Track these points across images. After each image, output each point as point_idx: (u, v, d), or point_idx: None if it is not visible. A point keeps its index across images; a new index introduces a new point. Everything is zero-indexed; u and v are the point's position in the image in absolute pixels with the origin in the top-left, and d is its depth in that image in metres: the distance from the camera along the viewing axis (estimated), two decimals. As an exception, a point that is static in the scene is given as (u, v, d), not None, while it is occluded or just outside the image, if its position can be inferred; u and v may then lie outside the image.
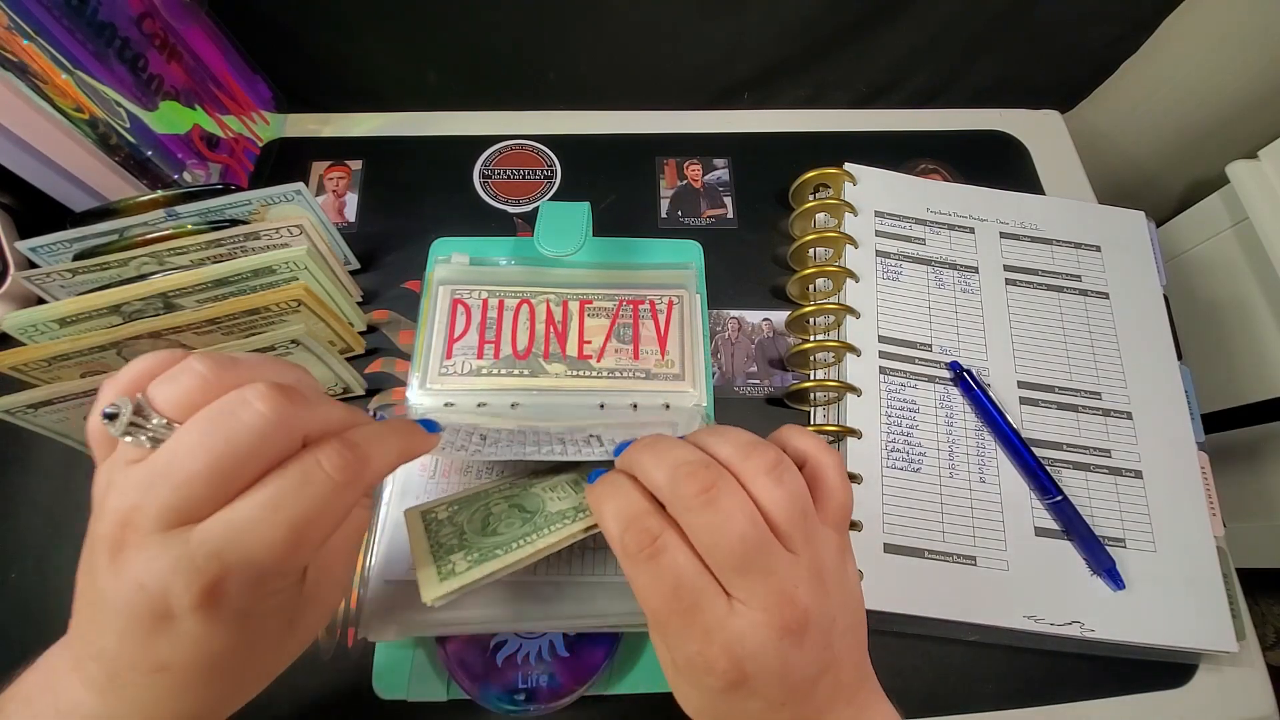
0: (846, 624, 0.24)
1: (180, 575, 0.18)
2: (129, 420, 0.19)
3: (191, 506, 0.19)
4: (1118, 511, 0.40)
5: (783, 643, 0.21)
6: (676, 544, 0.22)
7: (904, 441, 0.41)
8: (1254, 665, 0.39)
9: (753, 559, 0.21)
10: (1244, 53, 0.54)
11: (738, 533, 0.21)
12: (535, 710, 0.33)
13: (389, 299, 0.47)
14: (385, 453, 0.23)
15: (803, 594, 0.22)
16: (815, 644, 0.22)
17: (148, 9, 0.41)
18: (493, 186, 0.52)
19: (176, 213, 0.39)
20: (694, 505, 0.22)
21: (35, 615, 0.38)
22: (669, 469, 0.23)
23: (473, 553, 0.26)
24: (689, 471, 0.22)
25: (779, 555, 0.22)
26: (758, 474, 0.23)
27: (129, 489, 0.19)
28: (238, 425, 0.19)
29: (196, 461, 0.18)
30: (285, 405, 0.19)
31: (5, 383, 0.35)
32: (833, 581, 0.23)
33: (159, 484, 0.18)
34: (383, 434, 0.23)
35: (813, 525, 0.23)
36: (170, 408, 0.19)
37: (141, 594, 0.18)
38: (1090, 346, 0.45)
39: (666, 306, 0.44)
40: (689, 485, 0.22)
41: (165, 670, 0.19)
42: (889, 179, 0.50)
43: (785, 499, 0.22)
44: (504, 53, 0.52)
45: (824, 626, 0.22)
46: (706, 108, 0.57)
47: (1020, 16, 0.51)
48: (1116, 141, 0.64)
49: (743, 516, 0.22)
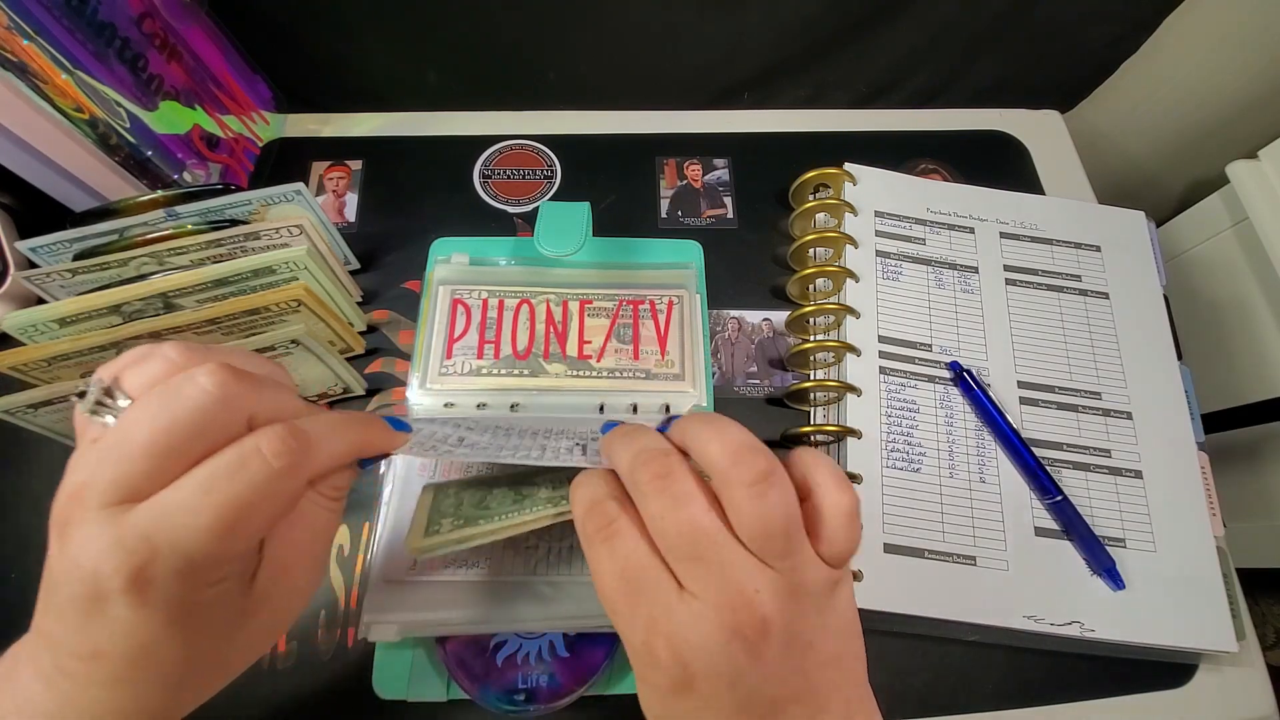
0: (830, 656, 0.21)
1: (111, 556, 0.18)
2: (95, 399, 0.19)
3: (134, 484, 0.18)
4: (1118, 511, 0.40)
5: (731, 645, 0.20)
6: (630, 528, 0.22)
7: (904, 441, 0.41)
8: (1254, 665, 0.39)
9: (704, 548, 0.20)
10: (1244, 53, 0.54)
11: (686, 517, 0.21)
12: (535, 710, 0.33)
13: (389, 299, 0.47)
14: (335, 443, 0.22)
15: (765, 600, 0.20)
16: (778, 663, 0.20)
17: (148, 9, 0.41)
18: (493, 186, 0.52)
19: (176, 213, 0.39)
20: (648, 491, 0.21)
21: (35, 615, 0.38)
22: (631, 455, 0.23)
23: (459, 520, 0.27)
24: (646, 459, 0.22)
25: (737, 554, 0.20)
26: (740, 483, 0.21)
27: (82, 465, 0.19)
28: (181, 400, 0.18)
29: (141, 436, 0.18)
30: (231, 383, 0.19)
31: (5, 383, 0.35)
32: (813, 607, 0.21)
33: (106, 459, 0.18)
34: (335, 424, 0.23)
35: (796, 545, 0.21)
36: (136, 390, 0.19)
37: (77, 573, 0.18)
38: (1090, 346, 0.45)
39: (666, 306, 0.44)
40: (644, 471, 0.22)
41: (100, 658, 0.19)
42: (889, 179, 0.50)
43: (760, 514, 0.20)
44: (504, 53, 0.52)
45: (792, 648, 0.20)
46: (706, 108, 0.57)
47: (1020, 16, 0.51)
48: (1116, 141, 0.64)
49: (695, 504, 0.21)
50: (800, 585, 0.21)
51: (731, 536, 0.21)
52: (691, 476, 0.22)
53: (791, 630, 0.20)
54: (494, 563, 0.35)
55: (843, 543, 0.22)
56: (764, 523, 0.20)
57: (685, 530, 0.21)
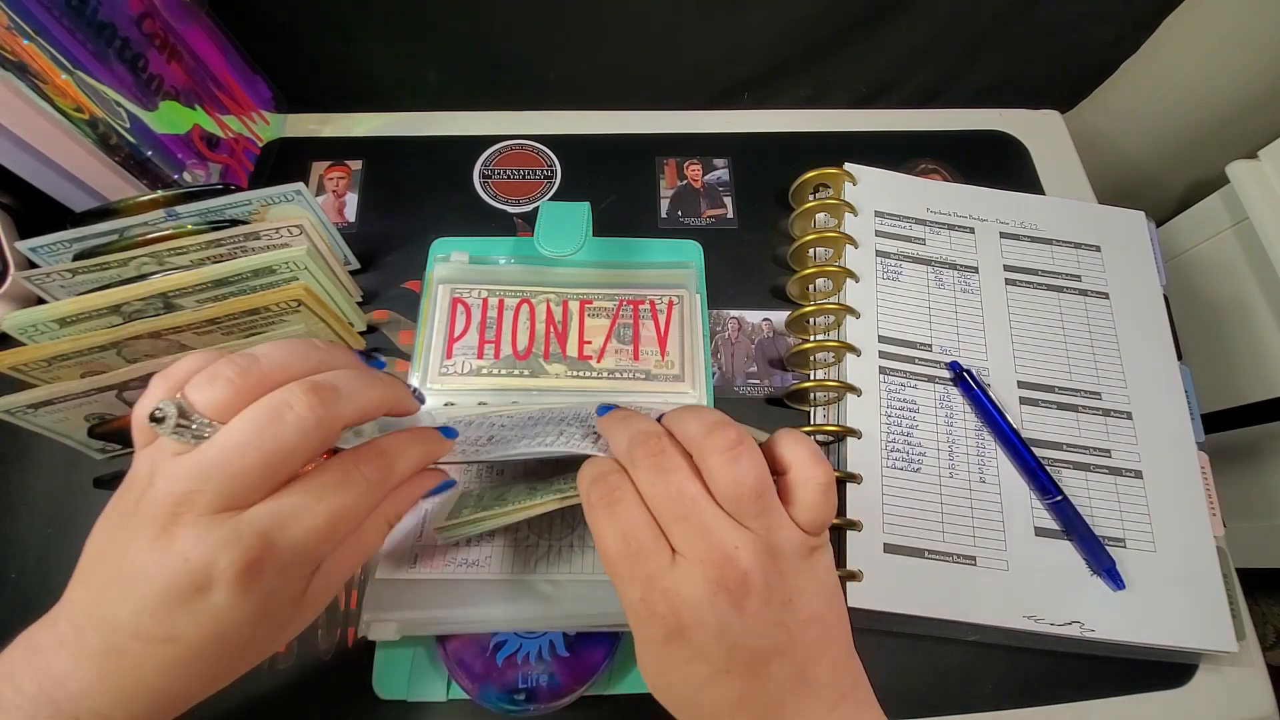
0: (811, 615, 0.23)
1: (227, 550, 0.20)
2: (176, 422, 0.21)
3: (243, 495, 0.21)
4: (1118, 511, 0.40)
5: (717, 598, 0.22)
6: (632, 496, 0.24)
7: (904, 441, 0.41)
8: (1254, 665, 0.39)
9: (688, 510, 0.23)
10: (1244, 53, 0.54)
11: (676, 485, 0.24)
12: (535, 710, 0.33)
13: (389, 299, 0.47)
14: (408, 460, 0.26)
15: (744, 557, 0.22)
16: (759, 615, 0.22)
17: (148, 9, 0.41)
18: (493, 186, 0.52)
19: (176, 213, 0.39)
20: (641, 464, 0.24)
21: (35, 615, 0.38)
22: (628, 437, 0.26)
23: (479, 508, 0.31)
24: (642, 439, 0.25)
25: (718, 517, 0.23)
26: (713, 451, 0.24)
27: (181, 477, 0.21)
28: (284, 428, 0.22)
29: (249, 458, 0.21)
30: (321, 408, 0.22)
31: (5, 383, 0.35)
32: (790, 567, 0.23)
33: (215, 475, 0.21)
34: (407, 444, 0.27)
35: (768, 507, 0.24)
36: (210, 409, 0.22)
37: (184, 565, 0.20)
38: (1090, 346, 0.45)
39: (666, 307, 0.44)
40: (640, 450, 0.25)
41: (173, 642, 0.21)
42: (889, 179, 0.50)
43: (732, 477, 0.23)
44: (504, 52, 0.52)
45: (772, 602, 0.23)
46: (706, 108, 0.57)
47: (1020, 16, 0.51)
48: (1116, 141, 0.64)
49: (681, 475, 0.24)
50: (776, 546, 0.23)
51: (712, 501, 0.23)
52: (678, 453, 0.25)
53: (770, 585, 0.23)
54: (494, 561, 0.35)
55: (815, 509, 0.24)
56: (736, 484, 0.23)
57: (673, 495, 0.24)
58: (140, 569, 0.21)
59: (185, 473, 0.21)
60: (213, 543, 0.21)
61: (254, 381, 0.22)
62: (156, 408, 0.21)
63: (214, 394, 0.22)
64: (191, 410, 0.22)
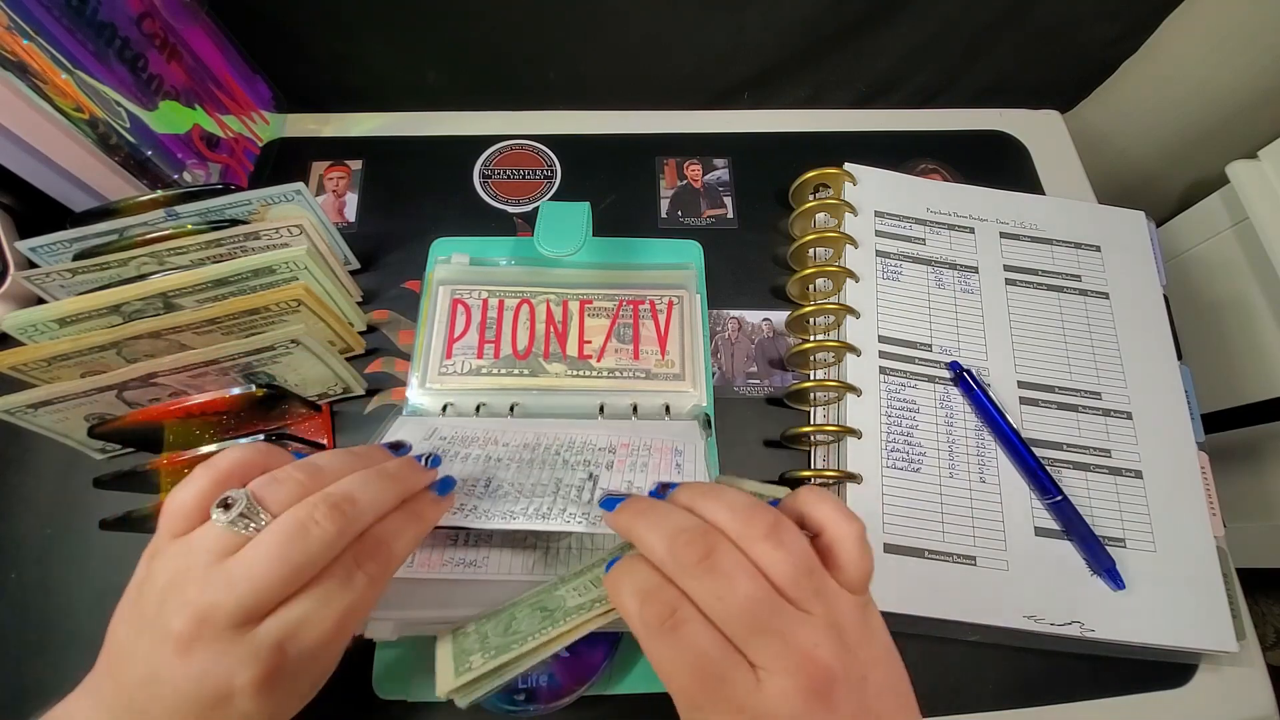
0: (882, 682, 0.23)
1: (245, 667, 0.21)
2: (241, 512, 0.22)
3: (261, 608, 0.22)
4: (1118, 511, 0.40)
5: (812, 706, 0.21)
6: (694, 615, 0.22)
7: (904, 441, 0.41)
8: (1254, 665, 0.39)
9: (764, 620, 0.22)
10: (1244, 53, 0.54)
11: (743, 593, 0.22)
12: (535, 710, 0.33)
13: (389, 299, 0.47)
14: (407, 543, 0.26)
15: (823, 652, 0.21)
16: (847, 703, 0.21)
17: (148, 9, 0.41)
18: (493, 186, 0.52)
19: (176, 213, 0.39)
20: (696, 572, 0.22)
21: (35, 615, 0.38)
22: (667, 538, 0.23)
23: (489, 650, 0.28)
24: (687, 540, 0.23)
25: (789, 614, 0.22)
26: (756, 539, 0.22)
27: (210, 586, 0.22)
28: (310, 543, 0.22)
29: (274, 573, 0.22)
30: (342, 521, 0.23)
31: (5, 383, 0.35)
32: (855, 639, 0.22)
33: (240, 587, 0.21)
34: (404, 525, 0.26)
35: (821, 581, 0.23)
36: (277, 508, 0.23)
37: (206, 680, 0.21)
38: (1090, 346, 0.45)
39: (666, 306, 0.44)
40: (688, 553, 0.22)
41: None
42: (889, 179, 0.50)
43: (785, 560, 0.22)
44: (504, 53, 0.52)
45: (853, 684, 0.22)
46: (706, 108, 0.57)
47: (1020, 16, 0.51)
48: (1116, 141, 0.64)
49: (745, 577, 0.22)
50: (838, 622, 0.22)
51: (779, 598, 0.22)
52: (731, 547, 0.23)
53: (848, 670, 0.22)
54: (492, 561, 0.35)
55: (857, 566, 0.23)
56: (791, 567, 0.22)
57: (746, 608, 0.22)
58: (167, 679, 0.21)
59: (216, 582, 0.22)
60: (231, 661, 0.21)
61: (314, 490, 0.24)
62: (228, 495, 0.22)
63: (283, 495, 0.23)
64: (256, 506, 0.23)
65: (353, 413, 0.43)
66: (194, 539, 0.23)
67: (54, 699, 0.23)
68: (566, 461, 0.34)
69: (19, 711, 0.36)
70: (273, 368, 0.38)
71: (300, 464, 0.25)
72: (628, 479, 0.32)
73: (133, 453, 0.41)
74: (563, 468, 0.33)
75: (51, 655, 0.37)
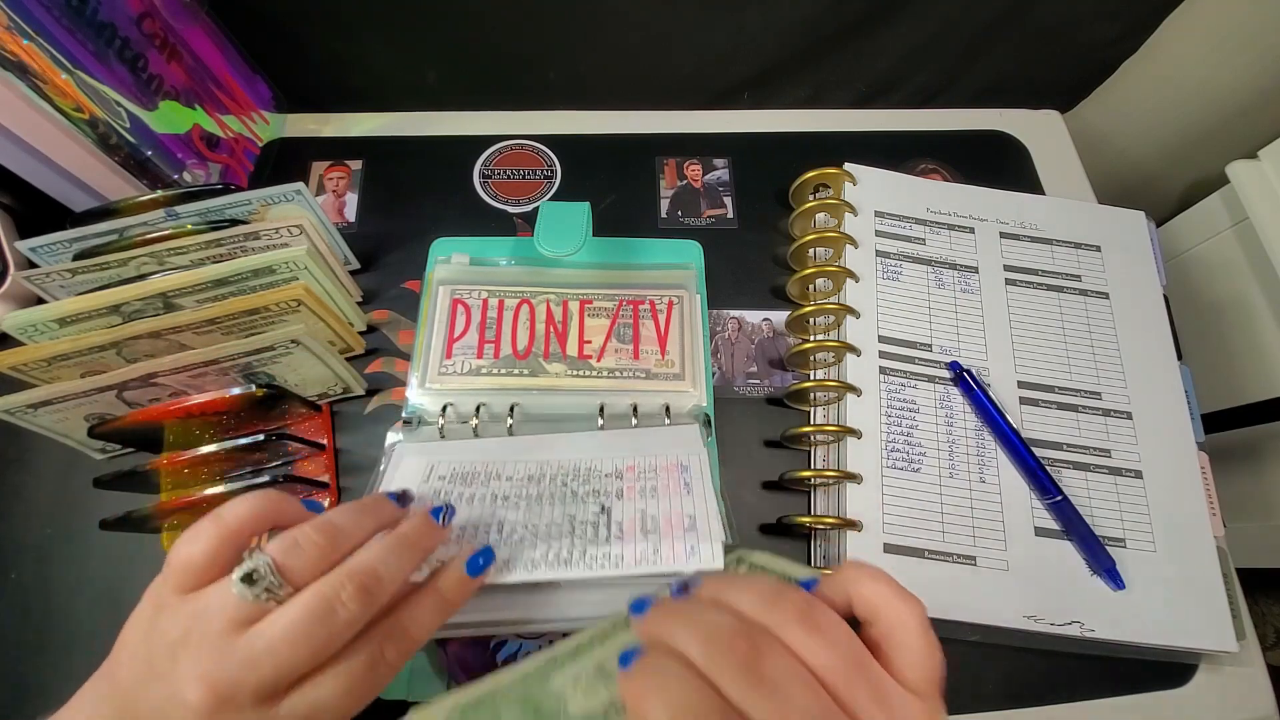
0: None
1: None
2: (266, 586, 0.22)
3: (284, 683, 0.22)
4: (1118, 511, 0.40)
5: None
6: None
7: (904, 441, 0.41)
8: (1254, 665, 0.39)
9: None
10: (1244, 53, 0.54)
11: (801, 702, 0.19)
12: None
13: (389, 299, 0.47)
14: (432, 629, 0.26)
15: None
16: None
17: (148, 9, 0.41)
18: (493, 186, 0.52)
19: (176, 213, 0.39)
20: (742, 683, 0.19)
21: (35, 615, 0.38)
22: (702, 641, 0.20)
23: None
24: (728, 642, 0.20)
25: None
26: (787, 624, 0.20)
27: (229, 661, 0.21)
28: (335, 623, 0.22)
29: (300, 651, 0.21)
30: (369, 603, 0.23)
31: (5, 383, 0.35)
32: None
33: (264, 664, 0.21)
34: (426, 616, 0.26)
35: (879, 683, 0.20)
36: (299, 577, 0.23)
37: None
38: (1090, 346, 0.45)
39: (666, 306, 0.44)
40: (729, 658, 0.19)
41: None
42: (889, 179, 0.50)
43: (825, 648, 0.19)
44: (504, 53, 0.52)
45: None
46: (706, 108, 0.57)
47: (1020, 16, 0.51)
48: (1116, 141, 0.64)
49: (799, 688, 0.19)
50: None
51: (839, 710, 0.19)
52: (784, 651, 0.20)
53: None
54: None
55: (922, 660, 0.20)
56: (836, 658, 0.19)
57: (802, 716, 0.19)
58: None
59: (235, 658, 0.21)
60: None
61: (340, 555, 0.24)
62: (254, 569, 0.22)
63: (305, 565, 0.23)
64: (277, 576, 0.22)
65: (353, 413, 0.43)
66: (209, 602, 0.22)
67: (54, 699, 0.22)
68: (575, 494, 0.33)
69: (19, 711, 0.36)
70: (273, 368, 0.38)
71: (318, 526, 0.24)
72: (640, 508, 0.32)
73: (133, 453, 0.41)
74: (573, 501, 0.33)
75: (51, 655, 0.37)
